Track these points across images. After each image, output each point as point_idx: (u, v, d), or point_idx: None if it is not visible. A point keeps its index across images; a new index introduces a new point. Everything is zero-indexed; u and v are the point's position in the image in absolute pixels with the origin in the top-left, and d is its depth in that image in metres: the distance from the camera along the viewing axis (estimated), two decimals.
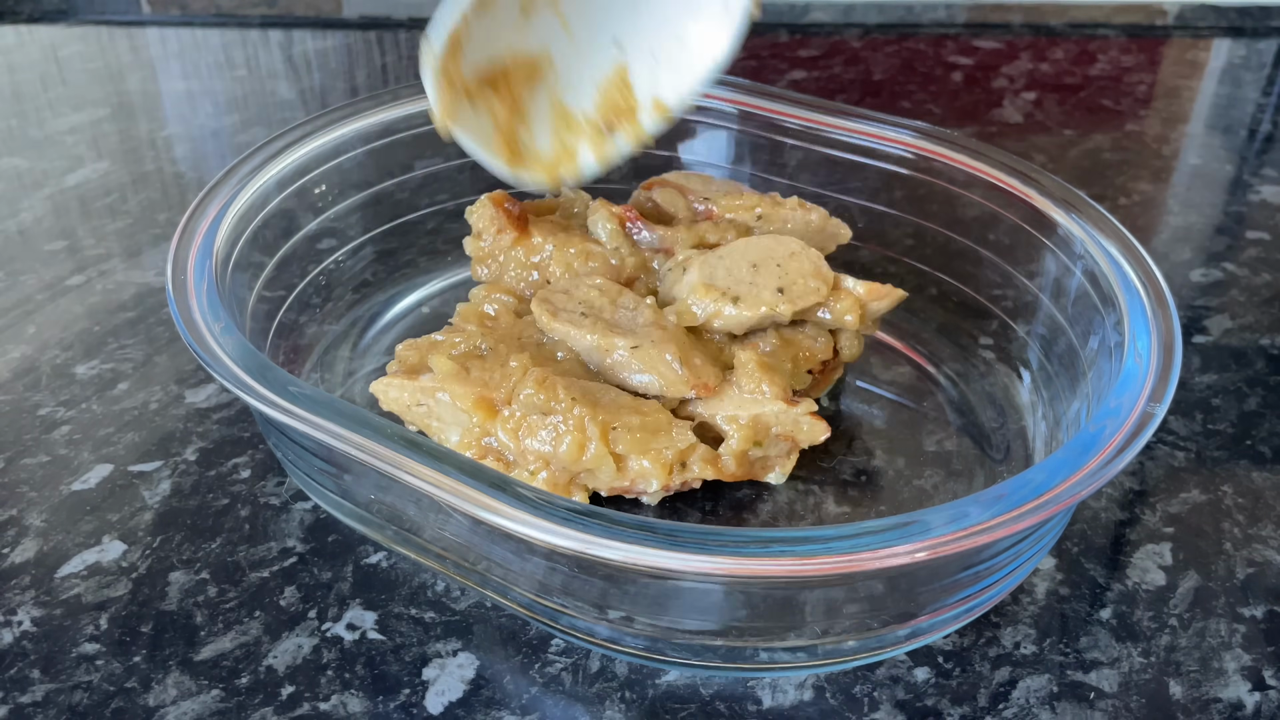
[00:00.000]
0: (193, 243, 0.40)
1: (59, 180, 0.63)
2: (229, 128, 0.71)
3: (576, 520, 0.29)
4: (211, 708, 0.33)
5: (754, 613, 0.32)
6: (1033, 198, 0.44)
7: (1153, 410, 0.32)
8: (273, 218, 0.44)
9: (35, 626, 0.35)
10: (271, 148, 0.45)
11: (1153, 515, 0.40)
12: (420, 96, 0.51)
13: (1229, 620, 0.36)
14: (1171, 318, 0.36)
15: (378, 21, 0.88)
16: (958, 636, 0.35)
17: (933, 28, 0.89)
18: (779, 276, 0.40)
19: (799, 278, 0.41)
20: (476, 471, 0.30)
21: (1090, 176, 0.65)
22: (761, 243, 0.42)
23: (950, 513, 0.29)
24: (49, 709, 0.33)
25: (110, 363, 0.48)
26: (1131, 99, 0.76)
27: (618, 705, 0.33)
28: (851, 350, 0.43)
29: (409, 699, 0.33)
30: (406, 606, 0.36)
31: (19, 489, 0.41)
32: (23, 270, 0.54)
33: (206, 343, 0.35)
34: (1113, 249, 0.40)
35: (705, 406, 0.39)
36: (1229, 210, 0.62)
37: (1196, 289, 0.54)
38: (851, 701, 0.33)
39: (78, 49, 0.83)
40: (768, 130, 0.51)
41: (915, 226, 0.48)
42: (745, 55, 0.83)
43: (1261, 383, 0.48)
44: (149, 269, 0.55)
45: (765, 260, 0.41)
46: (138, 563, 0.38)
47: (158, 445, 0.43)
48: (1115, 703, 0.33)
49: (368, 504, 0.36)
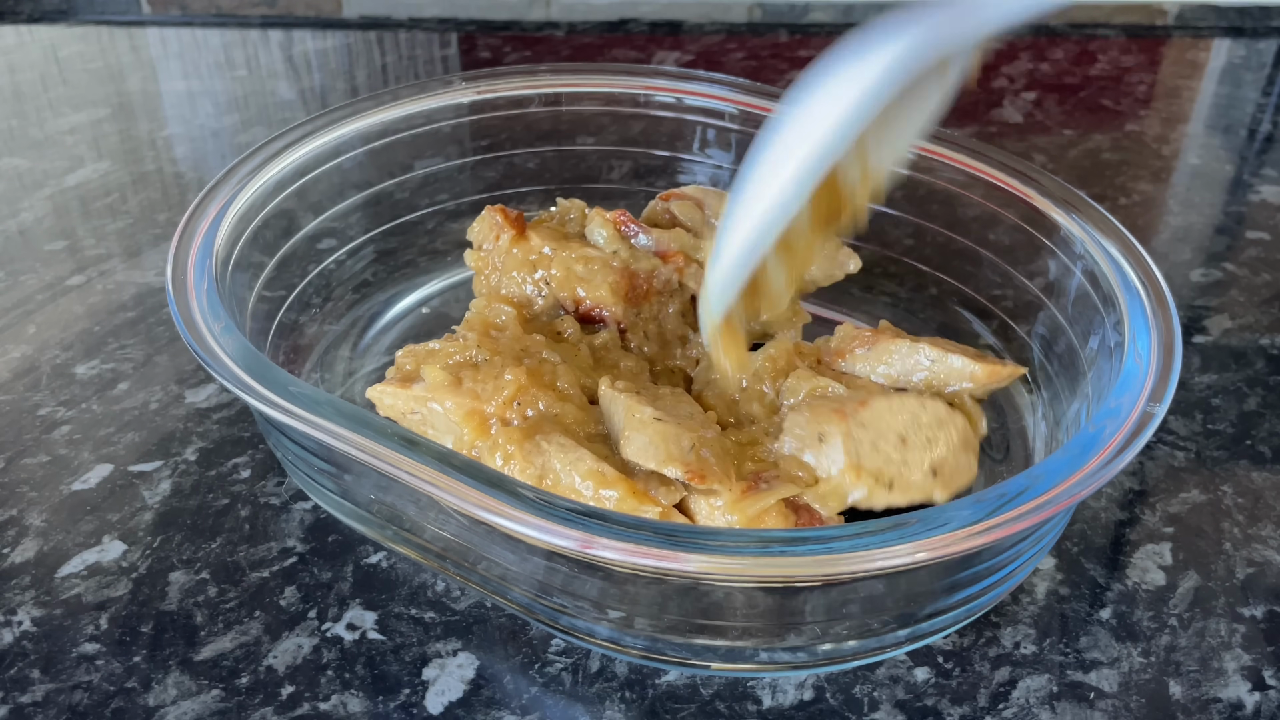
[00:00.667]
0: (193, 243, 0.40)
1: (59, 180, 0.63)
2: (229, 128, 0.71)
3: (576, 520, 0.29)
4: (211, 708, 0.33)
5: (754, 613, 0.32)
6: (1033, 198, 0.44)
7: (1153, 410, 0.32)
8: (273, 218, 0.44)
9: (35, 626, 0.35)
10: (271, 148, 0.45)
11: (1153, 515, 0.40)
12: (420, 96, 0.51)
13: (1229, 620, 0.36)
14: (1171, 318, 0.36)
15: (378, 21, 0.88)
16: (958, 636, 0.35)
17: None
18: (929, 452, 0.36)
19: (949, 454, 0.36)
20: (476, 471, 0.30)
21: (1090, 176, 0.65)
22: (906, 406, 0.37)
23: (950, 513, 0.29)
24: (49, 709, 0.33)
25: (110, 363, 0.48)
26: (1131, 99, 0.76)
27: (618, 705, 0.33)
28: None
29: (409, 699, 0.33)
30: (406, 606, 0.36)
31: (19, 489, 0.41)
32: (23, 270, 0.54)
33: (206, 343, 0.35)
34: (1113, 249, 0.40)
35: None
36: (1229, 210, 0.62)
37: (1196, 289, 0.54)
38: (851, 701, 0.33)
39: (78, 49, 0.83)
40: None
41: (915, 226, 0.48)
42: (745, 55, 0.83)
43: (1261, 383, 0.48)
44: (149, 269, 0.55)
45: (913, 432, 0.36)
46: (138, 563, 0.38)
47: (158, 445, 0.43)
48: (1115, 703, 0.33)
49: (368, 504, 0.36)
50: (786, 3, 0.90)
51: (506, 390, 0.36)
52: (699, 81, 0.52)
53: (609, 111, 0.54)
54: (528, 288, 0.43)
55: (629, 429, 0.34)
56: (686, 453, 0.33)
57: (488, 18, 0.89)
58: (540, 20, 0.89)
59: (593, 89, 0.53)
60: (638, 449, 0.34)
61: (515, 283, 0.43)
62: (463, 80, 0.52)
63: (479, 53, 0.83)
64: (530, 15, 0.89)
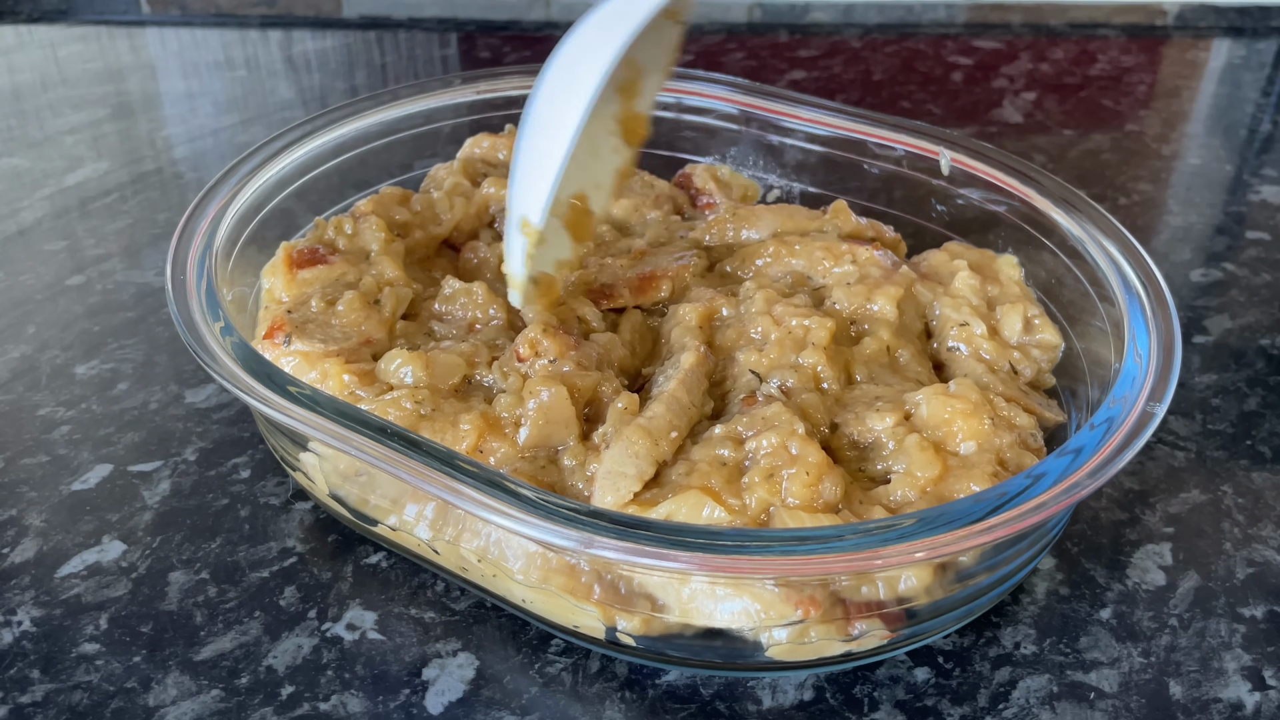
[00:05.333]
0: (192, 242, 0.40)
1: (59, 180, 0.63)
2: (229, 128, 0.71)
3: (576, 520, 0.29)
4: (211, 708, 0.33)
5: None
6: (1033, 198, 0.44)
7: (1153, 410, 0.32)
8: (273, 217, 0.44)
9: (35, 626, 0.35)
10: (271, 148, 0.45)
11: (1153, 515, 0.40)
12: (420, 96, 0.51)
13: (1229, 620, 0.36)
14: (1171, 318, 0.36)
15: (378, 21, 0.88)
16: (958, 636, 0.35)
17: (933, 28, 0.89)
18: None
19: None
20: (476, 471, 0.30)
21: (1090, 176, 0.65)
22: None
23: (950, 512, 0.29)
24: (49, 709, 0.33)
25: (110, 363, 0.48)
26: (1131, 99, 0.76)
27: (618, 705, 0.33)
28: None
29: (409, 699, 0.33)
30: (406, 606, 0.36)
31: (19, 489, 0.41)
32: (23, 270, 0.54)
33: (206, 343, 0.35)
34: (1113, 249, 0.40)
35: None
36: (1229, 210, 0.62)
37: (1196, 289, 0.54)
38: (851, 701, 0.33)
39: (78, 49, 0.83)
40: (768, 130, 0.51)
41: (915, 226, 0.48)
42: (745, 55, 0.83)
43: (1261, 383, 0.48)
44: (149, 269, 0.55)
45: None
46: (138, 563, 0.38)
47: (158, 445, 0.43)
48: (1115, 703, 0.33)
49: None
50: (786, 3, 0.90)
51: (466, 440, 0.35)
52: (699, 81, 0.52)
53: None
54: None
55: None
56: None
57: (488, 18, 0.89)
58: (540, 20, 0.89)
59: None
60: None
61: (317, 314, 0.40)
62: (463, 80, 0.52)
63: (479, 53, 0.83)
64: (530, 15, 0.89)
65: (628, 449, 0.33)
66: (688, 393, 0.36)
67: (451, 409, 0.35)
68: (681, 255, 0.43)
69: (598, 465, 0.34)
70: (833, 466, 0.33)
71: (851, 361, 0.38)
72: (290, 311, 0.39)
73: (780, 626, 0.31)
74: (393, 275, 0.42)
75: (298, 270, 0.41)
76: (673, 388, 0.35)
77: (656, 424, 0.34)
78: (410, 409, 0.35)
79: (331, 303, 0.39)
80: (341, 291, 0.40)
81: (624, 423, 0.34)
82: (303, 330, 0.38)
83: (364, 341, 0.39)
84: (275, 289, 0.41)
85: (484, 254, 0.45)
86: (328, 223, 0.44)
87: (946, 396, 0.35)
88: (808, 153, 0.50)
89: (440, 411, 0.35)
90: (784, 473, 0.32)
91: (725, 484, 0.32)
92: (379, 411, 0.35)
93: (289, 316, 0.39)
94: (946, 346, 0.40)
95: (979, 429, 0.34)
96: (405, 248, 0.44)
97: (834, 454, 0.35)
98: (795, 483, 0.32)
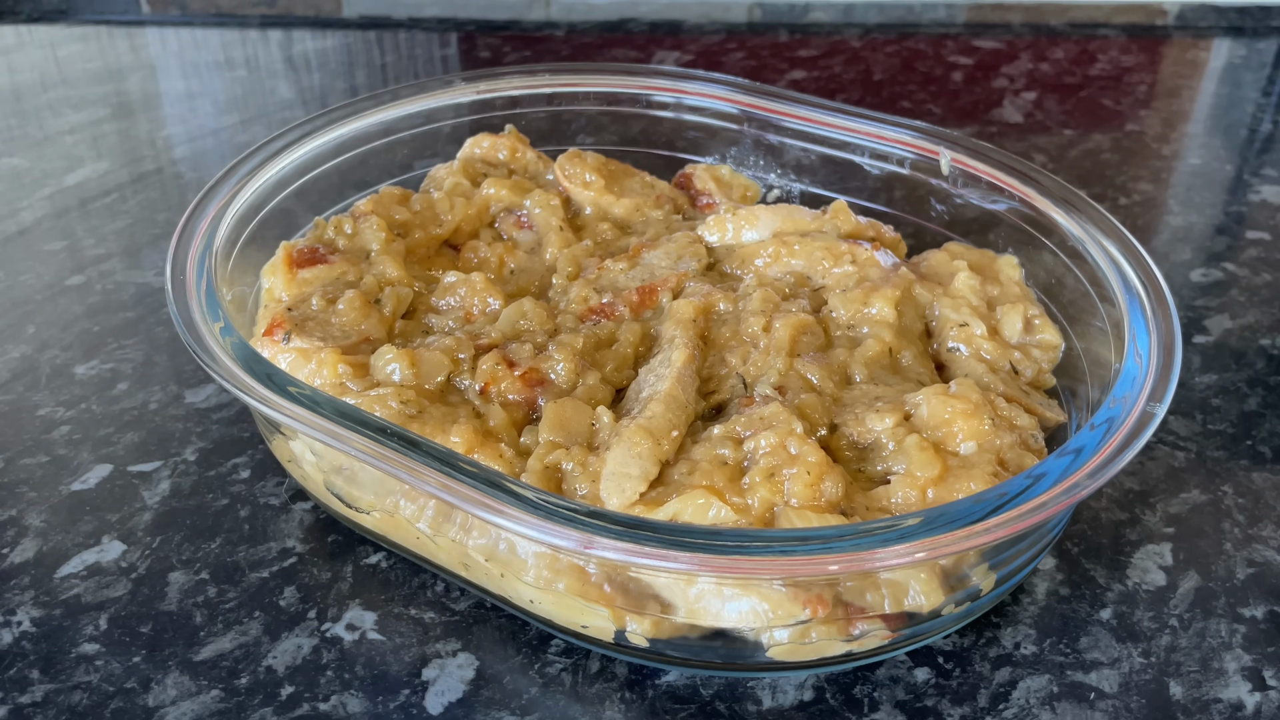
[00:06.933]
0: (192, 242, 0.40)
1: (59, 180, 0.63)
2: (229, 127, 0.71)
3: (576, 521, 0.29)
4: (211, 708, 0.33)
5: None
6: (1033, 198, 0.44)
7: (1153, 410, 0.32)
8: (272, 217, 0.44)
9: (35, 626, 0.35)
10: (271, 147, 0.45)
11: (1153, 515, 0.40)
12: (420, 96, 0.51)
13: (1229, 620, 0.36)
14: (1171, 318, 0.36)
15: (378, 21, 0.88)
16: (958, 636, 0.35)
17: (933, 28, 0.89)
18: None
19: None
20: (477, 471, 0.30)
21: (1090, 176, 0.65)
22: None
23: (950, 512, 0.29)
24: (49, 709, 0.33)
25: (110, 363, 0.48)
26: (1131, 99, 0.76)
27: (618, 705, 0.33)
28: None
29: (409, 699, 0.33)
30: (406, 606, 0.36)
31: (19, 489, 0.41)
32: (23, 270, 0.54)
33: (206, 343, 0.35)
34: (1113, 249, 0.40)
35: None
36: (1229, 210, 0.62)
37: (1196, 289, 0.54)
38: (851, 701, 0.33)
39: (78, 49, 0.83)
40: (768, 130, 0.51)
41: (915, 226, 0.48)
42: (745, 55, 0.83)
43: (1261, 383, 0.48)
44: (149, 269, 0.55)
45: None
46: (137, 563, 0.38)
47: (157, 445, 0.43)
48: (1115, 703, 0.33)
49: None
50: (786, 3, 0.90)
51: (460, 450, 0.34)
52: (699, 81, 0.52)
53: (609, 111, 0.54)
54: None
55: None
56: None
57: (488, 18, 0.89)
58: (540, 20, 0.89)
59: (592, 89, 0.53)
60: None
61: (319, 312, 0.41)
62: (463, 80, 0.52)
63: (479, 53, 0.83)
64: (530, 15, 0.89)
65: (630, 449, 0.33)
66: (683, 390, 0.36)
67: (438, 413, 0.36)
68: (681, 258, 0.43)
69: (596, 461, 0.34)
70: (833, 466, 0.33)
71: (848, 363, 0.38)
72: (290, 309, 0.39)
73: (787, 626, 0.31)
74: (394, 274, 0.42)
75: (298, 270, 0.41)
76: (668, 386, 0.35)
77: (657, 424, 0.34)
78: (396, 409, 0.35)
79: (332, 301, 0.39)
80: (342, 290, 0.40)
81: (617, 430, 0.34)
82: (302, 328, 0.38)
83: (363, 340, 0.39)
84: (275, 288, 0.41)
85: (484, 254, 0.45)
86: (328, 222, 0.44)
87: (947, 397, 0.35)
88: (807, 153, 0.50)
89: (427, 414, 0.35)
90: (785, 472, 0.32)
91: (728, 483, 0.32)
92: (365, 406, 0.35)
93: (289, 314, 0.39)
94: (946, 347, 0.40)
95: (979, 429, 0.34)
96: (405, 248, 0.44)
97: (833, 455, 0.35)
98: (797, 483, 0.32)
